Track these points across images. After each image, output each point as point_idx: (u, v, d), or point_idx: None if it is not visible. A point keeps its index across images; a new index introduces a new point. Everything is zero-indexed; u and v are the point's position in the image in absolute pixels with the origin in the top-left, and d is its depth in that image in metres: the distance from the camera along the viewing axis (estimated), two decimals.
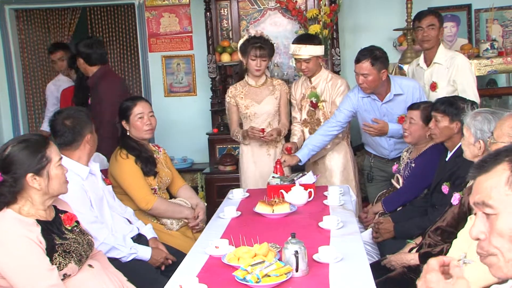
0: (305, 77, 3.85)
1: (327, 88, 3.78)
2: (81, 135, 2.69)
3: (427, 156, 3.24)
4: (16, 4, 5.70)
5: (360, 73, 3.42)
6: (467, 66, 3.74)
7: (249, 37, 3.74)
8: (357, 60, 3.44)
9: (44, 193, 2.08)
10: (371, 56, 3.37)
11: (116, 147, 3.25)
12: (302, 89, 3.87)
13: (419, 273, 2.42)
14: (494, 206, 1.16)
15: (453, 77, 3.67)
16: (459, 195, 2.52)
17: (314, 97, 3.76)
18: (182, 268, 2.23)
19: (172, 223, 3.23)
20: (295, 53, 3.71)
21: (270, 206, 2.86)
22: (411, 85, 3.57)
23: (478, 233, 1.19)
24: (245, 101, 3.78)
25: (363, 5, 5.29)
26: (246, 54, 3.69)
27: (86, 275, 2.13)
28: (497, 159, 1.18)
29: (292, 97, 3.92)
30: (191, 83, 5.59)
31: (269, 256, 2.11)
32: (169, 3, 5.48)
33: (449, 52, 3.83)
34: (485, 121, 2.36)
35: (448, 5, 5.18)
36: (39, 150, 2.06)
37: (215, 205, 3.86)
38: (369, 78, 3.40)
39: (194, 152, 5.54)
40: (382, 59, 3.41)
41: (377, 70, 3.39)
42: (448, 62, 3.70)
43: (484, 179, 1.19)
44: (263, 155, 3.84)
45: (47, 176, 2.06)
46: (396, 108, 3.57)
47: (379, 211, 3.38)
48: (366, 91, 3.49)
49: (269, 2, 5.15)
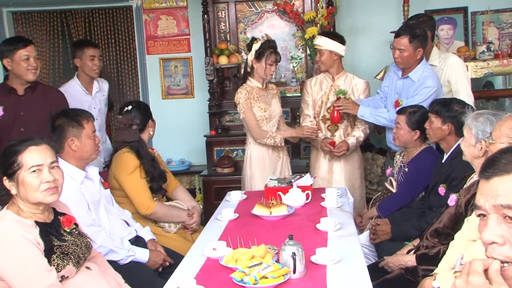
0: (323, 75, 3.89)
1: (354, 89, 3.85)
2: (62, 136, 2.67)
3: (420, 161, 3.25)
4: (14, 7, 5.70)
5: (397, 47, 3.50)
6: (460, 66, 3.75)
7: (264, 41, 3.65)
8: (397, 34, 3.53)
9: (22, 199, 2.05)
10: (410, 33, 3.45)
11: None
12: (322, 86, 3.88)
13: (417, 274, 2.45)
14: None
15: (447, 78, 3.70)
16: (456, 196, 2.53)
17: (342, 93, 3.77)
18: (180, 270, 2.23)
19: (170, 226, 3.24)
20: (316, 44, 3.79)
21: (267, 208, 2.86)
22: (427, 85, 3.49)
23: (495, 237, 1.10)
24: (260, 103, 3.70)
25: (360, 8, 5.31)
26: (262, 58, 3.62)
27: (84, 277, 2.14)
28: None
29: (306, 94, 3.92)
30: (189, 85, 5.60)
31: (267, 258, 2.12)
32: (167, 6, 5.49)
33: (442, 53, 3.85)
34: (487, 122, 2.36)
35: (445, 8, 5.20)
36: (13, 154, 2.03)
37: (212, 207, 3.85)
38: (405, 54, 3.49)
39: (192, 154, 5.55)
40: (420, 38, 3.48)
41: (414, 47, 3.48)
42: (441, 63, 3.73)
43: (507, 180, 1.10)
44: (275, 159, 3.80)
45: (17, 181, 2.03)
46: (405, 90, 3.62)
47: (374, 216, 3.39)
48: (399, 65, 3.60)
49: (267, 5, 5.17)
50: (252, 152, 3.77)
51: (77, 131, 2.70)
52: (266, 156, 3.76)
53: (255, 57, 3.65)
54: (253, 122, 3.67)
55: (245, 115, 3.68)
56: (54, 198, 2.09)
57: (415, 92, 3.49)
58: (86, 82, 4.08)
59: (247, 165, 3.80)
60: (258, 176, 3.74)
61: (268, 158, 3.77)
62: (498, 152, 1.17)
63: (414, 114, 3.24)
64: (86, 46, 4.06)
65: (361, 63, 5.30)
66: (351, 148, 3.78)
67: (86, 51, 4.00)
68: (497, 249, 1.10)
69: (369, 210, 3.53)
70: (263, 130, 3.69)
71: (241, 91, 3.69)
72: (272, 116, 3.75)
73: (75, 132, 2.69)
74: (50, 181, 2.05)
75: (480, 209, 1.15)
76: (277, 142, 3.67)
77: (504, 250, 1.09)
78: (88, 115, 2.82)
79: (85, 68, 4.04)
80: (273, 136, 3.65)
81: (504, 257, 1.09)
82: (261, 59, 3.63)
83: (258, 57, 3.63)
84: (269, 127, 3.73)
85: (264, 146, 3.74)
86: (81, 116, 2.76)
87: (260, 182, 3.69)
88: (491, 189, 1.12)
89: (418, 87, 3.50)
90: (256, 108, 3.68)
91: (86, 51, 4.00)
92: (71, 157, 2.69)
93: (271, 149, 3.76)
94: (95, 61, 4.03)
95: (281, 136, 3.68)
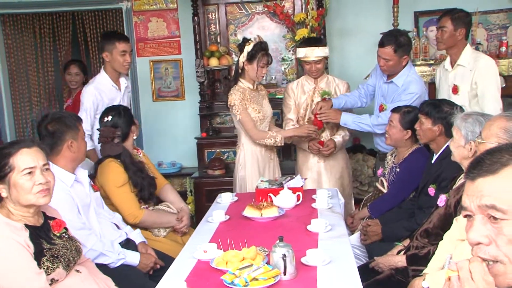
0: (304, 77, 3.89)
1: (336, 90, 3.88)
2: (61, 140, 2.65)
3: (411, 162, 3.27)
4: (2, 9, 5.66)
5: (382, 56, 3.51)
6: (490, 69, 3.46)
7: (256, 43, 3.64)
8: (381, 43, 3.53)
9: (13, 202, 2.05)
10: (395, 43, 3.47)
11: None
12: (304, 89, 3.88)
13: (407, 275, 2.46)
14: (507, 210, 1.08)
15: (475, 80, 3.43)
16: (445, 196, 2.54)
17: (327, 94, 3.79)
18: (171, 272, 2.23)
19: (159, 230, 3.21)
20: (306, 57, 3.73)
21: (258, 210, 2.86)
22: (410, 90, 3.52)
23: (480, 237, 1.11)
24: (253, 105, 3.69)
25: (350, 9, 5.32)
26: (254, 60, 3.61)
27: (73, 280, 2.13)
28: (504, 160, 1.11)
29: (288, 98, 3.91)
30: (179, 87, 5.59)
31: (257, 260, 2.12)
32: (157, 8, 5.48)
33: (474, 53, 3.60)
34: (476, 123, 2.38)
35: (433, 9, 5.22)
36: (4, 157, 2.03)
37: (204, 209, 3.85)
38: (390, 63, 3.52)
39: (183, 157, 5.53)
40: (405, 47, 3.50)
41: (399, 56, 3.50)
42: (471, 64, 3.47)
43: (491, 180, 1.11)
44: (267, 160, 3.81)
45: (8, 184, 2.03)
46: (390, 94, 3.65)
47: (365, 217, 3.41)
48: (385, 72, 3.64)
49: (257, 6, 5.17)
50: (246, 154, 3.75)
51: (74, 133, 2.70)
52: (259, 157, 3.76)
53: (247, 59, 3.63)
54: (250, 123, 3.65)
55: (241, 116, 3.64)
56: (46, 201, 2.10)
57: (398, 98, 3.53)
58: (114, 77, 3.79)
59: (240, 167, 3.77)
60: (252, 177, 3.73)
61: (261, 160, 3.77)
62: (483, 153, 1.17)
63: (409, 114, 3.26)
64: (118, 40, 3.73)
65: (350, 64, 5.32)
66: (338, 146, 3.81)
67: (117, 45, 3.69)
68: (483, 249, 1.11)
69: (360, 210, 3.54)
70: (261, 130, 3.68)
71: (235, 92, 3.66)
72: (265, 117, 3.75)
73: (73, 134, 2.70)
74: (43, 183, 2.06)
75: (466, 210, 1.15)
76: (277, 142, 3.65)
77: (490, 250, 1.10)
78: (77, 117, 2.85)
79: (115, 63, 3.73)
80: (274, 136, 3.63)
81: (490, 257, 1.10)
82: (253, 61, 3.62)
83: (250, 59, 3.62)
84: (262, 128, 3.73)
85: (258, 148, 3.74)
86: (73, 119, 2.77)
87: (252, 184, 3.67)
88: (476, 190, 1.13)
89: (402, 92, 3.54)
90: (251, 110, 3.67)
91: (118, 46, 3.69)
92: (67, 159, 2.68)
93: (263, 150, 3.76)
94: (127, 56, 3.73)
95: (282, 136, 3.66)
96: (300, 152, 4.00)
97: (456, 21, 3.44)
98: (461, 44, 3.52)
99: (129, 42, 3.83)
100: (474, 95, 3.45)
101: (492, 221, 1.10)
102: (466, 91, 3.47)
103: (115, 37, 3.79)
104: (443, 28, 3.47)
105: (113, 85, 3.77)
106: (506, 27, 5.13)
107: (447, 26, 3.45)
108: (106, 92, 3.70)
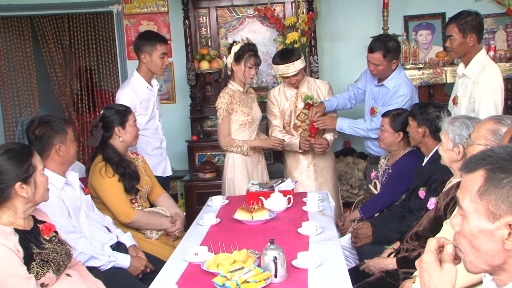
0: (286, 84, 3.87)
1: (318, 92, 3.88)
2: (48, 144, 2.62)
3: (403, 163, 3.29)
4: None
5: (372, 62, 3.52)
6: (490, 82, 3.11)
7: (244, 44, 3.65)
8: (370, 49, 3.52)
9: (29, 201, 2.09)
10: (384, 48, 3.47)
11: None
12: (287, 95, 3.87)
13: (397, 277, 2.48)
14: (464, 208, 1.21)
15: (473, 94, 3.16)
16: (435, 199, 2.56)
17: (310, 99, 3.80)
18: (162, 275, 2.23)
19: (151, 232, 3.20)
20: (284, 73, 3.70)
21: (249, 213, 2.87)
22: (400, 93, 3.53)
23: (454, 224, 1.25)
24: (243, 108, 3.69)
25: (340, 13, 5.36)
26: (241, 61, 3.62)
27: (64, 284, 2.12)
28: (480, 163, 1.21)
29: (272, 105, 3.90)
30: (170, 90, 5.58)
31: (248, 262, 2.12)
32: (148, 11, 5.48)
33: (484, 62, 3.22)
34: (463, 126, 2.41)
35: (423, 14, 5.28)
36: (25, 159, 2.08)
37: (194, 213, 3.85)
38: (380, 68, 3.53)
39: (174, 160, 5.47)
40: (394, 52, 3.51)
41: (388, 61, 3.51)
42: (475, 76, 3.17)
43: (466, 179, 1.23)
44: (255, 162, 3.81)
45: (34, 184, 2.09)
46: (381, 97, 3.66)
47: (356, 218, 3.42)
48: (376, 76, 3.66)
49: (248, 10, 5.19)
50: (235, 156, 3.75)
51: (62, 137, 2.67)
52: (248, 160, 3.76)
53: (234, 59, 3.66)
54: (225, 131, 3.70)
55: (221, 121, 3.69)
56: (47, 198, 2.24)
57: (389, 101, 3.55)
58: (148, 79, 3.68)
59: (229, 170, 3.78)
60: (241, 180, 3.73)
61: (250, 162, 3.77)
62: (476, 154, 1.26)
63: (398, 116, 3.28)
64: (159, 42, 3.60)
65: (341, 67, 5.35)
66: (330, 145, 3.85)
67: (158, 47, 3.57)
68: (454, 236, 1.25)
69: (351, 213, 3.55)
70: (231, 138, 3.70)
71: (224, 95, 3.67)
72: (254, 120, 3.76)
73: (61, 138, 2.66)
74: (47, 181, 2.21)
75: (459, 201, 1.26)
76: (243, 151, 3.70)
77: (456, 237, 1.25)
78: (66, 120, 2.82)
79: (152, 65, 3.61)
80: (240, 145, 3.68)
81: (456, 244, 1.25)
82: (240, 61, 3.63)
83: (237, 59, 3.64)
84: (251, 131, 3.75)
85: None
86: (61, 122, 2.73)
87: (242, 186, 3.69)
88: (462, 182, 1.26)
89: (393, 95, 3.56)
90: (240, 113, 3.67)
91: (159, 48, 3.58)
92: (56, 163, 2.66)
93: (252, 153, 3.77)
94: (165, 59, 3.63)
95: (248, 146, 3.70)
96: (289, 156, 4.00)
97: (463, 28, 3.16)
98: (473, 50, 3.22)
99: (167, 44, 3.75)
100: (472, 109, 3.16)
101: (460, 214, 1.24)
102: (464, 104, 3.24)
103: (156, 38, 3.67)
104: (451, 37, 3.22)
105: (147, 86, 3.68)
106: (494, 31, 5.19)
107: (454, 34, 3.19)
108: (141, 93, 3.61)
